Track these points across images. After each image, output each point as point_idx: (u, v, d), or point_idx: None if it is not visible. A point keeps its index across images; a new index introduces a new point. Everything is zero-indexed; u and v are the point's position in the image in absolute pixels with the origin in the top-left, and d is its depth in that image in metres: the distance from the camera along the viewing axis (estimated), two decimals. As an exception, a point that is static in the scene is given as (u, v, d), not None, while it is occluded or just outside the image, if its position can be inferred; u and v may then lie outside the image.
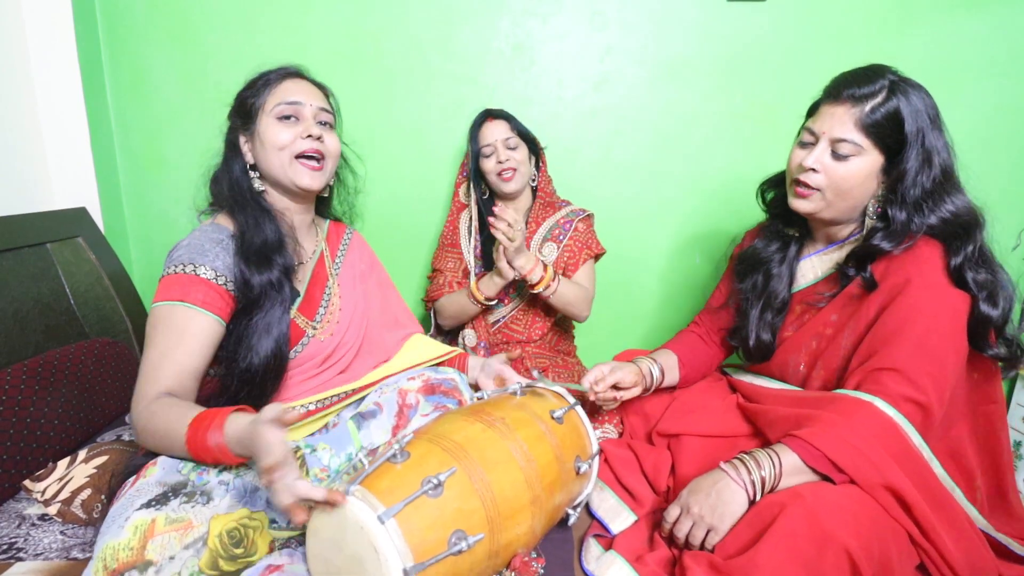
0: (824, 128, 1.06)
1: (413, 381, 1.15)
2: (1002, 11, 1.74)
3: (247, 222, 1.08)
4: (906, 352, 0.99)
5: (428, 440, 0.85)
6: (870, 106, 1.03)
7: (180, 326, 0.98)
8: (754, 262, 1.27)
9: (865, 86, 1.04)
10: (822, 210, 1.11)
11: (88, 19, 1.81)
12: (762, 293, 1.24)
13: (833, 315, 1.13)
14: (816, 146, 1.08)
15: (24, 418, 1.19)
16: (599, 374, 1.23)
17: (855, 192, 1.08)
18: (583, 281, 1.63)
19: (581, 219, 1.68)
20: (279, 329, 1.06)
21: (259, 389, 1.05)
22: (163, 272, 1.02)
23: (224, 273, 1.03)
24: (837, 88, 1.07)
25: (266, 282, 1.05)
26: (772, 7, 1.78)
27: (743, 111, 1.85)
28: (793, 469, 0.94)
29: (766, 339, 1.23)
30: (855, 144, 1.04)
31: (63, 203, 1.81)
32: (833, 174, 1.07)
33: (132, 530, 0.81)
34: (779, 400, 1.14)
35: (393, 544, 0.70)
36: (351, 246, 1.33)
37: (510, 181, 1.60)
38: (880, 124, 1.03)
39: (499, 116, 1.62)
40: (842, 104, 1.05)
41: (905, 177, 1.04)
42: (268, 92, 1.11)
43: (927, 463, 0.96)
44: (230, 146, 1.15)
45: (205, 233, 1.07)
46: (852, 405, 0.98)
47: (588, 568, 1.00)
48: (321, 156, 1.13)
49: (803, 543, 0.83)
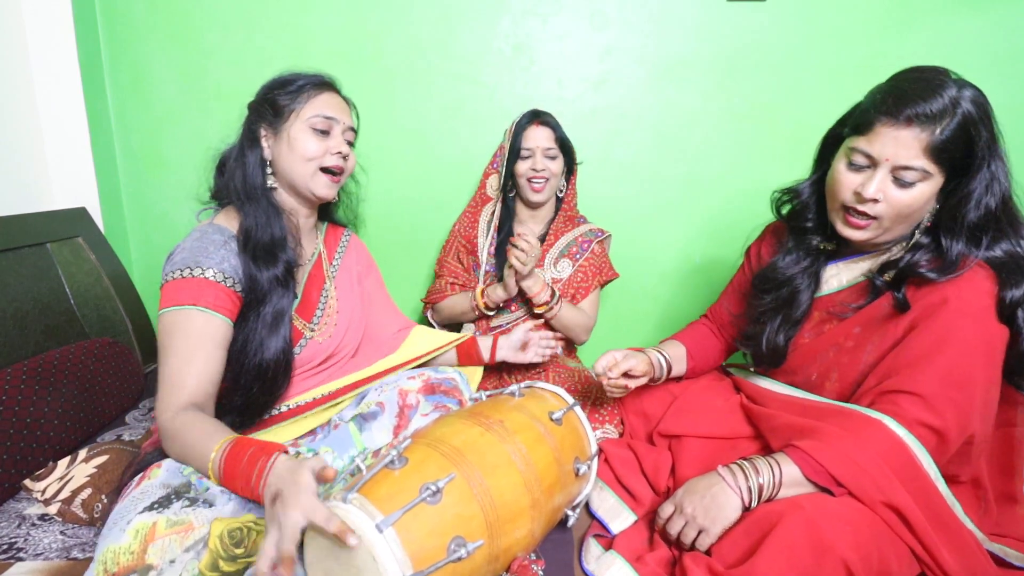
0: (887, 154, 0.94)
1: (413, 381, 1.16)
2: (1002, 11, 1.73)
3: (257, 217, 1.08)
4: (930, 378, 0.93)
5: (426, 445, 0.84)
6: (940, 128, 0.91)
7: (196, 331, 0.97)
8: (780, 280, 1.16)
9: (932, 103, 0.91)
10: (878, 236, 1.01)
11: (88, 19, 1.81)
12: (783, 306, 1.16)
13: (856, 328, 1.06)
14: (875, 172, 0.96)
15: (24, 418, 1.19)
16: (611, 360, 1.19)
17: (914, 216, 0.99)
18: (587, 308, 1.65)
19: (599, 240, 1.69)
20: (286, 323, 1.07)
21: (271, 384, 1.06)
22: (165, 277, 1.01)
23: (231, 275, 1.03)
24: (898, 106, 0.93)
25: (273, 277, 1.06)
26: (772, 7, 1.78)
27: (743, 111, 1.85)
28: (792, 480, 0.93)
29: (780, 346, 1.16)
30: (923, 171, 0.93)
31: (63, 203, 1.81)
32: (896, 203, 0.96)
33: (133, 534, 0.81)
34: (785, 406, 1.10)
35: (392, 553, 0.70)
36: (349, 248, 1.33)
37: (539, 192, 1.60)
38: (949, 147, 0.92)
39: (546, 122, 1.61)
40: (907, 127, 0.92)
41: (968, 200, 0.94)
42: (306, 99, 1.11)
43: (934, 484, 0.93)
44: (249, 137, 1.13)
45: (206, 235, 1.06)
46: (860, 421, 0.95)
47: (588, 568, 1.00)
48: (341, 171, 1.16)
49: (801, 553, 0.82)
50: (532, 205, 1.66)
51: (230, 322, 1.02)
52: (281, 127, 1.11)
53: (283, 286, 1.08)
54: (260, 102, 1.14)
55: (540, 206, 1.68)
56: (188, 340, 0.97)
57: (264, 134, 1.13)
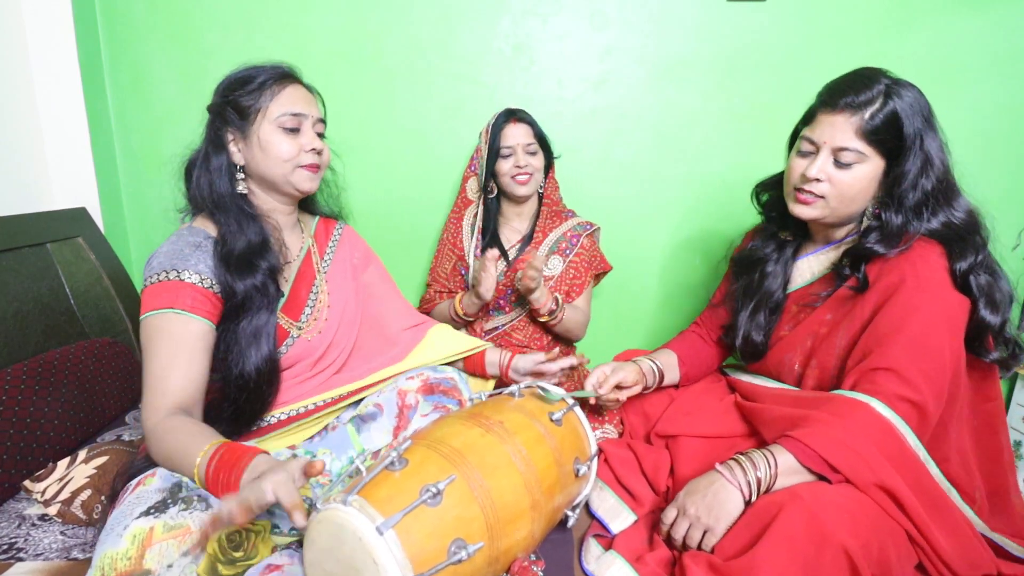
0: (825, 138, 1.06)
1: (412, 380, 1.14)
2: (1002, 11, 1.73)
3: (228, 227, 1.06)
4: (900, 351, 0.99)
5: (426, 446, 0.84)
6: (869, 113, 1.03)
7: (176, 333, 0.96)
8: (749, 262, 1.28)
9: (862, 93, 1.03)
10: (825, 216, 1.11)
11: (88, 19, 1.81)
12: (755, 293, 1.25)
13: (828, 314, 1.13)
14: (817, 155, 1.07)
15: (24, 418, 1.19)
16: (601, 376, 1.23)
17: (859, 198, 1.08)
18: (583, 305, 1.66)
19: (587, 234, 1.69)
20: (267, 334, 1.05)
21: (256, 394, 1.04)
22: (145, 283, 1.00)
23: (208, 276, 1.01)
24: (833, 96, 1.06)
25: (250, 287, 1.03)
26: (772, 7, 1.78)
27: (743, 111, 1.85)
28: (789, 469, 0.95)
29: (757, 339, 1.23)
30: (858, 152, 1.04)
31: (63, 203, 1.81)
32: (838, 182, 1.06)
33: (130, 539, 0.81)
34: (776, 400, 1.14)
35: (392, 555, 0.70)
36: (342, 241, 1.30)
37: (525, 184, 1.60)
38: (880, 130, 1.03)
39: (523, 119, 1.61)
40: (840, 113, 1.04)
41: (903, 180, 1.04)
42: (270, 97, 1.07)
43: (923, 464, 0.97)
44: (214, 143, 1.10)
45: (182, 238, 1.04)
46: (848, 405, 0.98)
47: (588, 568, 1.00)
48: (319, 167, 1.13)
49: (802, 543, 0.83)
50: (518, 200, 1.66)
51: (211, 324, 1.00)
52: (249, 130, 1.07)
53: (263, 294, 1.05)
54: (221, 105, 1.09)
55: (525, 200, 1.67)
56: (169, 343, 0.95)
57: (232, 138, 1.09)
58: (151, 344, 0.96)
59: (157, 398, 0.93)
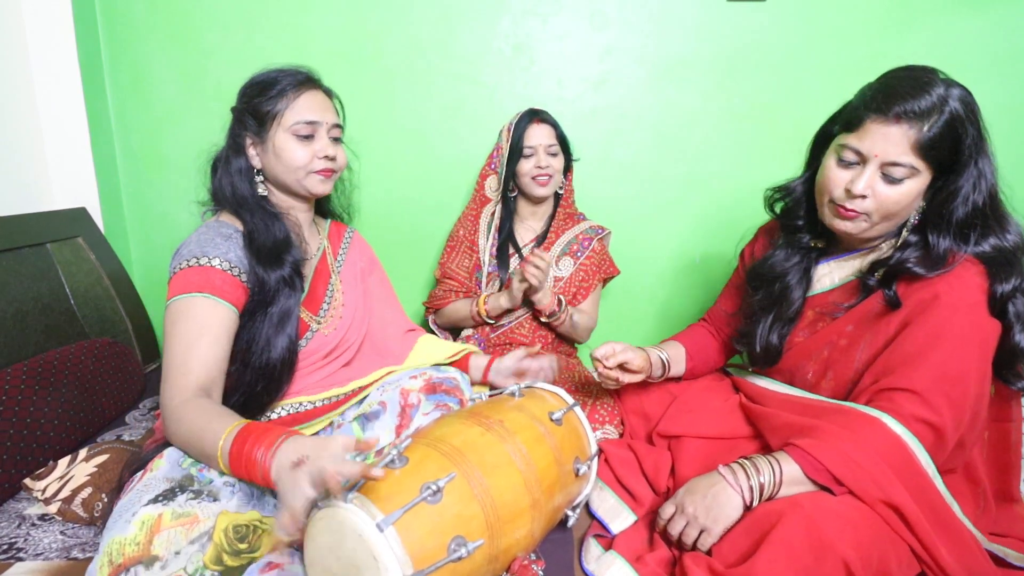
0: (876, 151, 0.95)
1: (415, 380, 1.15)
2: (1002, 11, 1.74)
3: (255, 225, 1.09)
4: (926, 373, 0.94)
5: (426, 444, 0.84)
6: (928, 125, 0.92)
7: (204, 316, 0.98)
8: (772, 276, 1.18)
9: (921, 100, 0.92)
10: (866, 231, 1.02)
11: (88, 19, 1.81)
12: (775, 303, 1.17)
13: (849, 326, 1.07)
14: (864, 168, 0.97)
15: (24, 418, 1.19)
16: (610, 350, 1.20)
17: (902, 213, 1.00)
18: (589, 308, 1.67)
19: (599, 238, 1.69)
20: (292, 323, 1.08)
21: (276, 383, 1.07)
22: (173, 270, 1.03)
23: (237, 265, 1.04)
24: (888, 102, 0.94)
25: (280, 278, 1.07)
26: (772, 7, 1.78)
27: (743, 111, 1.85)
28: (793, 479, 0.93)
29: (774, 345, 1.17)
30: (911, 168, 0.94)
31: (63, 203, 1.81)
32: (883, 199, 0.97)
33: (139, 525, 0.82)
34: (784, 405, 1.10)
35: (392, 552, 0.70)
36: (352, 245, 1.35)
37: (545, 186, 1.60)
38: (937, 144, 0.93)
39: (546, 120, 1.61)
40: (895, 123, 0.93)
41: (955, 196, 0.95)
42: (286, 104, 1.09)
43: (932, 482, 0.93)
44: (234, 147, 1.13)
45: (212, 228, 1.07)
46: (859, 420, 0.95)
47: (588, 568, 1.00)
48: (333, 172, 1.16)
49: (801, 552, 0.82)
50: (536, 200, 1.67)
51: (236, 311, 1.02)
52: (265, 136, 1.10)
53: (290, 286, 1.09)
54: (242, 110, 1.12)
55: (543, 201, 1.68)
56: (195, 325, 0.97)
57: (250, 142, 1.12)
58: (176, 326, 0.98)
59: (180, 378, 0.94)
